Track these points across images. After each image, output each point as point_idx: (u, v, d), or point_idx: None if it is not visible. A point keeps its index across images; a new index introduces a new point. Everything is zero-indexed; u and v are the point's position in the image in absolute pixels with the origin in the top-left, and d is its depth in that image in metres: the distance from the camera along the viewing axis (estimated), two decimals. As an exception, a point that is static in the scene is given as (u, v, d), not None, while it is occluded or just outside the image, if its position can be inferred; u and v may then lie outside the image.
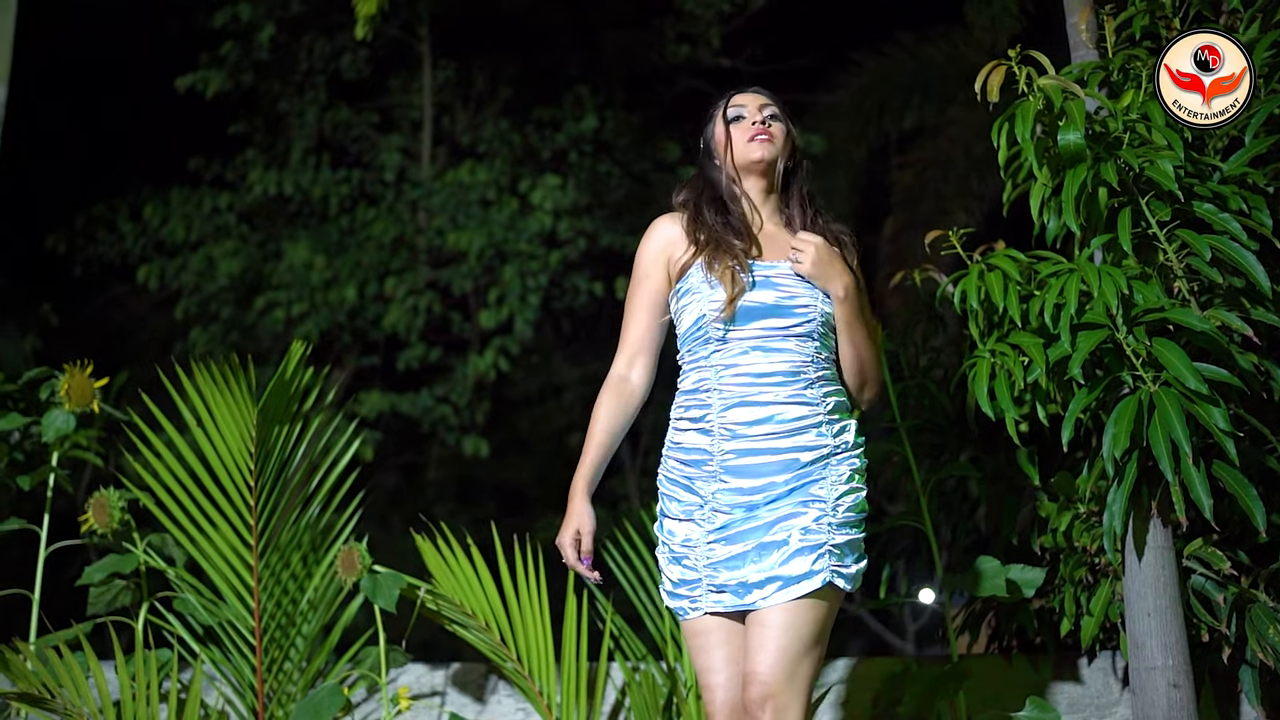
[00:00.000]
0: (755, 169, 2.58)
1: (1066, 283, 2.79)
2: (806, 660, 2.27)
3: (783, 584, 2.28)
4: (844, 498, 2.38)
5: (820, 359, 2.49)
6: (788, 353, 2.44)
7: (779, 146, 2.59)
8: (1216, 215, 2.80)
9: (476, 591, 3.11)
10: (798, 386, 2.42)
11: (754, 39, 10.34)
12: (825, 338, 2.52)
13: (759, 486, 2.37)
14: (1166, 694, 2.82)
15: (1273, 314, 2.84)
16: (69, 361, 3.55)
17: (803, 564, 2.28)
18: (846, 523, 2.37)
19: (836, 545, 2.32)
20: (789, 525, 2.32)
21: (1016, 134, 2.87)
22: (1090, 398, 2.78)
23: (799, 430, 2.39)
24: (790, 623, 2.26)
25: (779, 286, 2.48)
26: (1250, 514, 2.71)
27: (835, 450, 2.41)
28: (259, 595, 3.25)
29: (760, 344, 2.44)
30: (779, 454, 2.37)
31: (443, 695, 3.48)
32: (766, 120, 2.58)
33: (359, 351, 9.36)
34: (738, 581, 2.33)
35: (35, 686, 3.10)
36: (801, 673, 2.26)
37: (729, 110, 2.62)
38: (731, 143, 2.59)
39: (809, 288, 2.49)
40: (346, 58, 9.31)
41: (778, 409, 2.40)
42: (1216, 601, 2.98)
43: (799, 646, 2.26)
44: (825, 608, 2.31)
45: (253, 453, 3.17)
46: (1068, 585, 3.12)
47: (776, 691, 2.22)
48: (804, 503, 2.34)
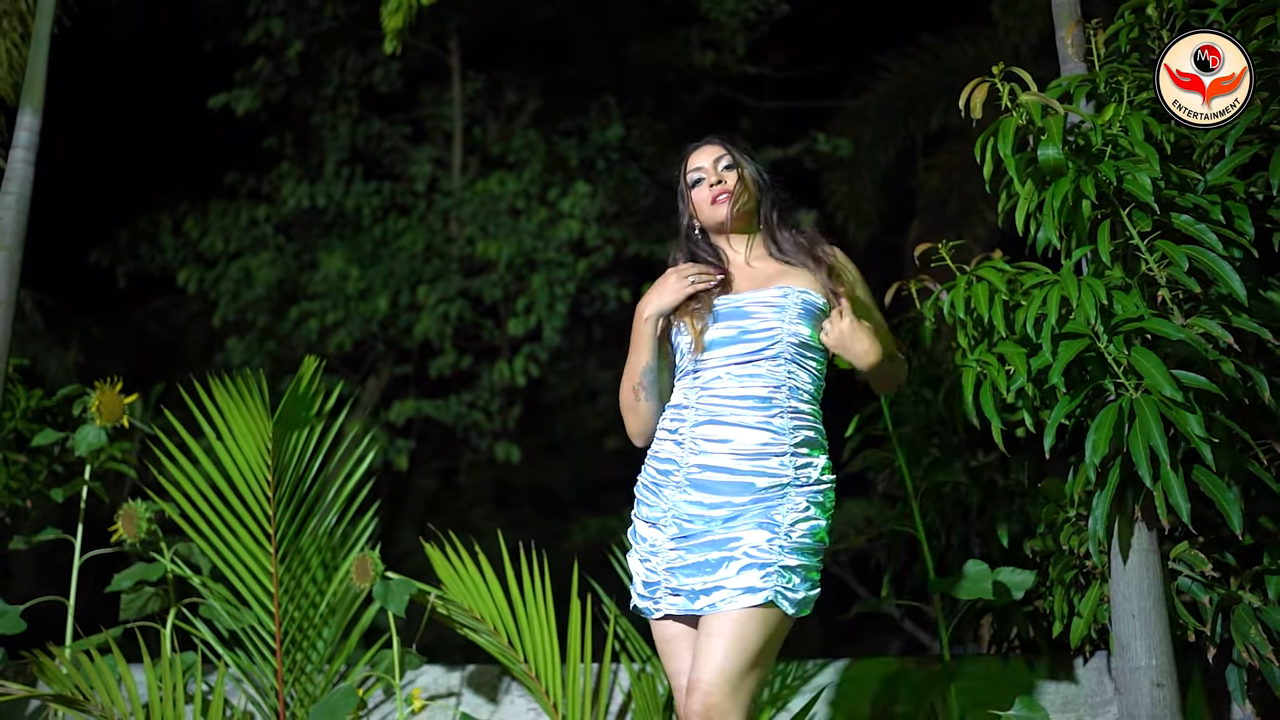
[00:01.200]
0: (723, 228, 2.71)
1: (1048, 294, 2.87)
2: (750, 675, 2.34)
3: (728, 595, 2.38)
4: (798, 524, 2.45)
5: (794, 385, 2.55)
6: (760, 377, 2.54)
7: (739, 198, 2.70)
8: (1194, 226, 2.87)
9: (484, 596, 3.24)
10: (767, 413, 2.52)
11: (778, 45, 10.41)
12: (800, 361, 2.58)
13: (717, 503, 2.48)
14: (1150, 693, 2.89)
15: (1254, 321, 2.91)
16: (110, 375, 3.71)
17: (750, 578, 2.37)
18: (799, 549, 2.44)
19: (785, 567, 2.40)
20: (741, 543, 2.42)
21: (999, 150, 2.96)
22: (1072, 405, 2.86)
23: (761, 456, 2.49)
24: (735, 634, 2.34)
25: (748, 315, 2.60)
26: (1227, 517, 2.77)
27: (795, 481, 2.48)
28: (279, 600, 3.39)
29: (730, 369, 2.57)
30: (738, 475, 2.48)
31: (458, 696, 3.61)
32: (722, 177, 2.70)
33: (393, 360, 9.54)
34: (689, 589, 2.45)
35: (69, 689, 3.26)
36: (745, 686, 2.32)
37: (688, 175, 2.76)
38: (697, 209, 2.73)
39: (777, 312, 2.59)
40: (379, 71, 9.48)
41: (744, 432, 2.50)
42: (1202, 603, 3.04)
43: (743, 660, 2.33)
44: (770, 626, 2.38)
45: (270, 463, 3.32)
46: (1058, 587, 3.20)
47: (717, 701, 2.29)
48: (760, 525, 2.43)
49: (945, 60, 9.95)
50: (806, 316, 2.60)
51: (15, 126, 3.90)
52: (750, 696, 2.35)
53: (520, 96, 9.69)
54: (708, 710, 2.29)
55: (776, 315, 2.58)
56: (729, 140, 2.80)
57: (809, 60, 10.63)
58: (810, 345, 2.61)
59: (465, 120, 9.83)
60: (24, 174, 3.84)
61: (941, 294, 3.28)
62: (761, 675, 2.40)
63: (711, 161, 2.73)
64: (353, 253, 9.05)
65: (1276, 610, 2.99)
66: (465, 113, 9.82)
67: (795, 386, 2.56)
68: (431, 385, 9.34)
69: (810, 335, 2.60)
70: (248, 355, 8.91)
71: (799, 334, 2.58)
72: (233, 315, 9.13)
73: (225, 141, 9.72)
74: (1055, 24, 3.50)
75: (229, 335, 9.16)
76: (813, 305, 2.62)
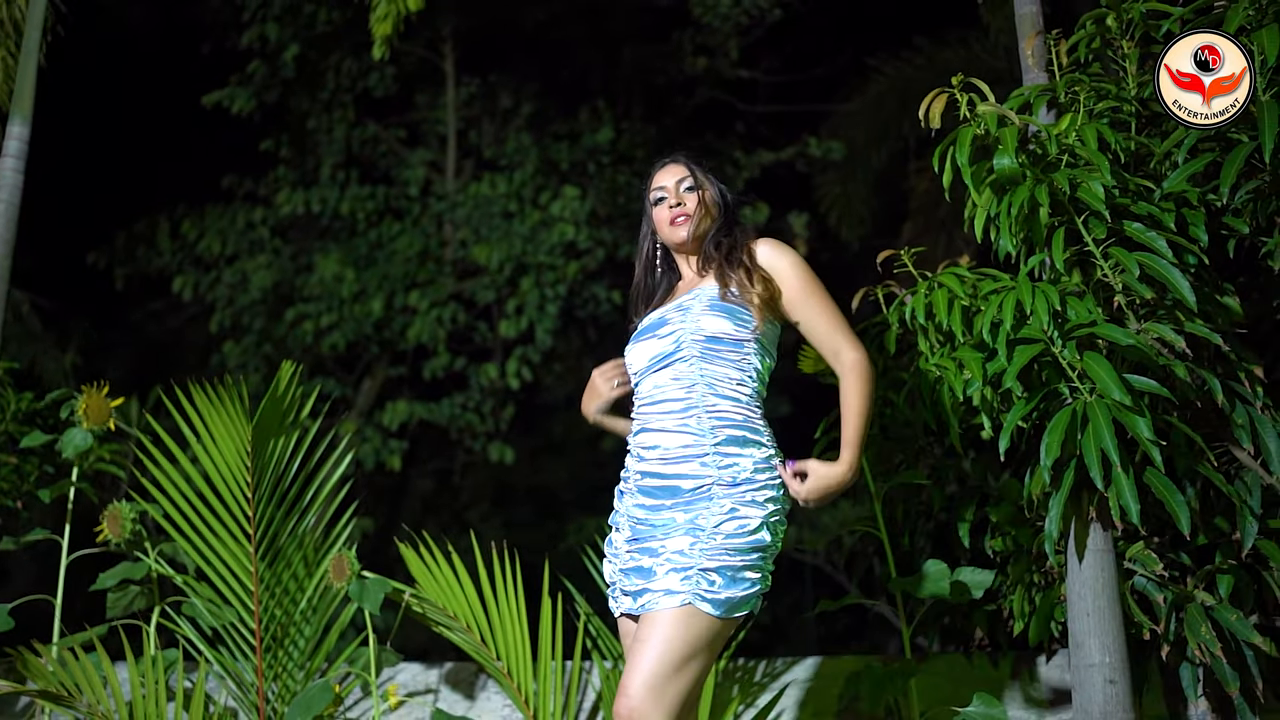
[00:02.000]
0: (681, 248, 2.81)
1: (1004, 299, 2.94)
2: (676, 679, 2.38)
3: (652, 597, 2.46)
4: (723, 525, 2.49)
5: (710, 381, 2.60)
6: (676, 380, 2.63)
7: (697, 218, 2.78)
8: (1145, 233, 2.94)
9: (457, 595, 3.32)
10: (684, 416, 2.60)
11: (772, 49, 10.48)
12: (711, 357, 2.62)
13: (654, 506, 2.58)
14: (1103, 690, 2.96)
15: (1206, 327, 2.98)
16: (106, 378, 3.80)
17: (670, 582, 2.45)
18: (726, 549, 2.47)
19: (703, 570, 2.44)
20: (668, 547, 2.50)
21: (957, 159, 3.03)
22: (1027, 408, 2.93)
23: (683, 459, 2.57)
24: (657, 638, 2.40)
25: (664, 322, 2.71)
26: (1176, 518, 2.84)
27: (719, 481, 2.53)
28: (259, 598, 3.48)
29: (650, 377, 2.69)
30: (666, 480, 2.57)
31: (436, 693, 3.69)
32: (682, 199, 2.78)
33: (387, 362, 9.63)
34: (634, 589, 2.54)
35: (54, 685, 3.35)
36: (669, 691, 2.36)
37: (652, 194, 2.85)
38: (656, 224, 2.83)
39: (683, 314, 2.67)
40: (374, 75, 9.57)
41: (666, 436, 2.60)
42: (1156, 602, 3.11)
43: (667, 665, 2.37)
44: (694, 629, 2.41)
45: (249, 466, 3.40)
46: (1019, 587, 3.27)
47: (638, 705, 2.34)
48: (686, 530, 2.50)
49: (937, 63, 10.00)
50: (715, 312, 2.63)
51: (5, 136, 3.98)
52: (676, 700, 2.37)
53: (514, 100, 9.77)
54: (630, 714, 2.34)
55: (681, 317, 2.67)
56: (694, 159, 2.88)
57: (802, 64, 10.70)
58: (724, 339, 2.63)
59: (460, 124, 9.91)
60: (13, 182, 3.93)
61: (905, 299, 3.35)
62: (692, 676, 2.42)
63: (674, 182, 2.81)
64: (347, 256, 9.15)
65: (1228, 609, 3.06)
66: (460, 116, 9.91)
67: (711, 382, 2.60)
68: (425, 387, 9.43)
69: (721, 331, 2.62)
70: (244, 358, 9.01)
71: (702, 330, 2.62)
72: (229, 320, 9.22)
73: (222, 145, 9.82)
74: (1018, 35, 3.58)
75: (226, 338, 9.26)
76: (718, 301, 2.65)
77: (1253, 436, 3.10)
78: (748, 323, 2.64)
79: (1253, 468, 3.16)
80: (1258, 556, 3.16)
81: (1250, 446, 3.10)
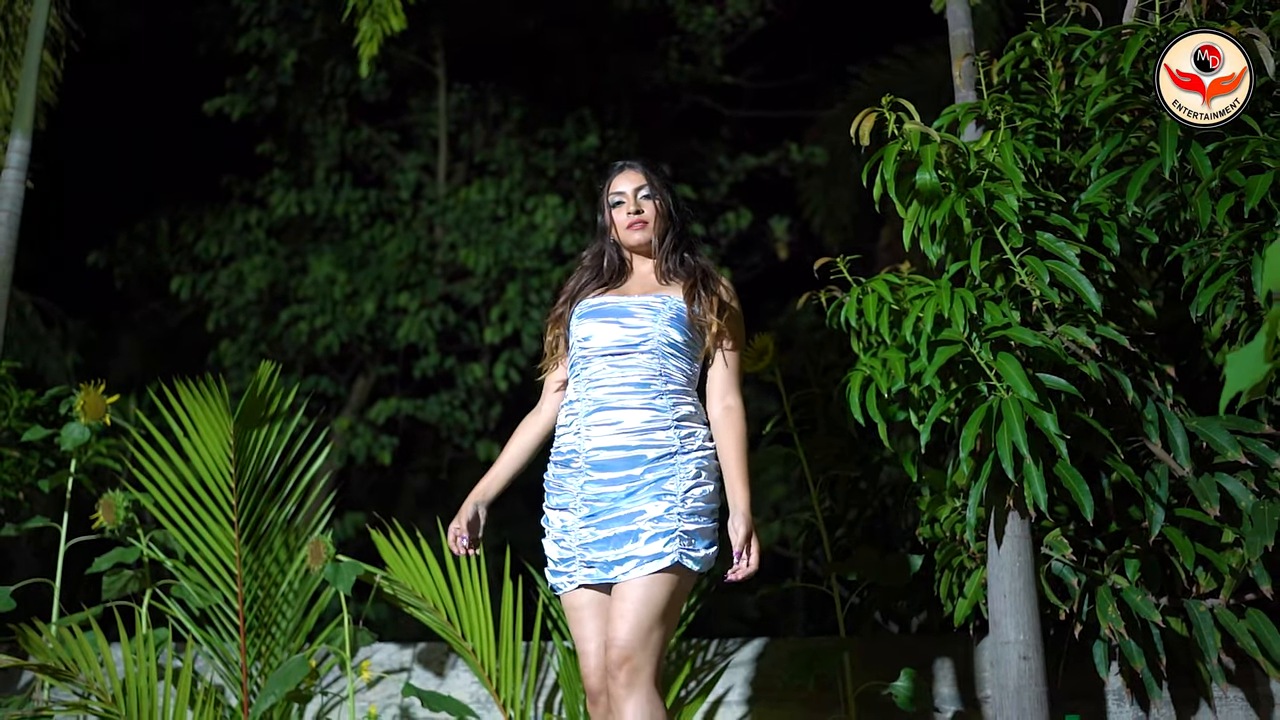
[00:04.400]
0: (636, 250, 3.07)
1: (926, 304, 3.19)
2: (659, 629, 2.70)
3: (639, 562, 2.73)
4: (692, 490, 2.81)
5: (667, 375, 2.92)
6: (637, 368, 2.91)
7: (652, 224, 3.07)
8: (1055, 243, 3.18)
9: (425, 577, 3.58)
10: (648, 395, 2.89)
11: (755, 57, 10.74)
12: (670, 358, 2.94)
13: (617, 479, 2.84)
14: (1017, 665, 3.21)
15: (1115, 329, 3.23)
16: (105, 377, 4.06)
17: (656, 546, 2.73)
18: (695, 512, 2.80)
19: (686, 531, 2.76)
20: (644, 515, 2.76)
21: (884, 174, 3.28)
22: (946, 404, 3.18)
23: (648, 431, 2.85)
24: (645, 597, 2.69)
25: (629, 314, 2.97)
26: (1081, 506, 3.09)
27: (681, 449, 2.84)
28: (243, 580, 3.73)
29: (611, 360, 2.94)
30: (630, 450, 2.84)
31: (409, 671, 3.95)
32: (640, 206, 3.05)
33: (379, 361, 9.90)
34: (603, 560, 2.79)
35: (54, 661, 3.60)
36: (654, 640, 2.68)
37: (610, 196, 3.11)
38: (615, 225, 3.07)
39: (653, 315, 2.95)
40: (366, 81, 9.83)
41: (629, 413, 2.87)
42: (1071, 584, 3.35)
43: (652, 617, 2.69)
44: (675, 584, 2.74)
45: (232, 458, 3.66)
46: (946, 571, 3.51)
47: (632, 654, 2.65)
48: (657, 496, 2.78)
49: (919, 70, 10.24)
50: (677, 323, 2.95)
51: (8, 149, 4.24)
52: (660, 647, 2.69)
53: (504, 106, 10.03)
54: (624, 661, 2.64)
55: (652, 317, 2.95)
56: (651, 168, 3.14)
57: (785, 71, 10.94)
58: (679, 348, 2.95)
59: (451, 128, 10.17)
60: (14, 193, 4.18)
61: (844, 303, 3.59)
62: (670, 627, 2.74)
63: (633, 189, 3.07)
64: (341, 258, 9.42)
65: (1135, 591, 3.31)
66: (452, 119, 10.17)
67: (668, 377, 2.91)
68: (416, 386, 9.70)
69: (680, 340, 2.94)
70: (239, 357, 9.28)
71: (668, 335, 2.94)
72: (225, 320, 9.49)
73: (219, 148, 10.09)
74: (951, 55, 3.83)
75: (222, 337, 9.53)
76: (683, 315, 2.96)
77: (1161, 431, 3.34)
78: (697, 346, 2.98)
79: (1165, 460, 3.40)
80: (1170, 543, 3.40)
81: (1159, 440, 3.34)
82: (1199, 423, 3.36)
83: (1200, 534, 3.41)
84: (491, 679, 3.59)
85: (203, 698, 3.63)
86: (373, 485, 10.73)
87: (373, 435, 9.09)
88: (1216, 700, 3.45)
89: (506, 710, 3.61)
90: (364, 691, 3.87)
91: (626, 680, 2.62)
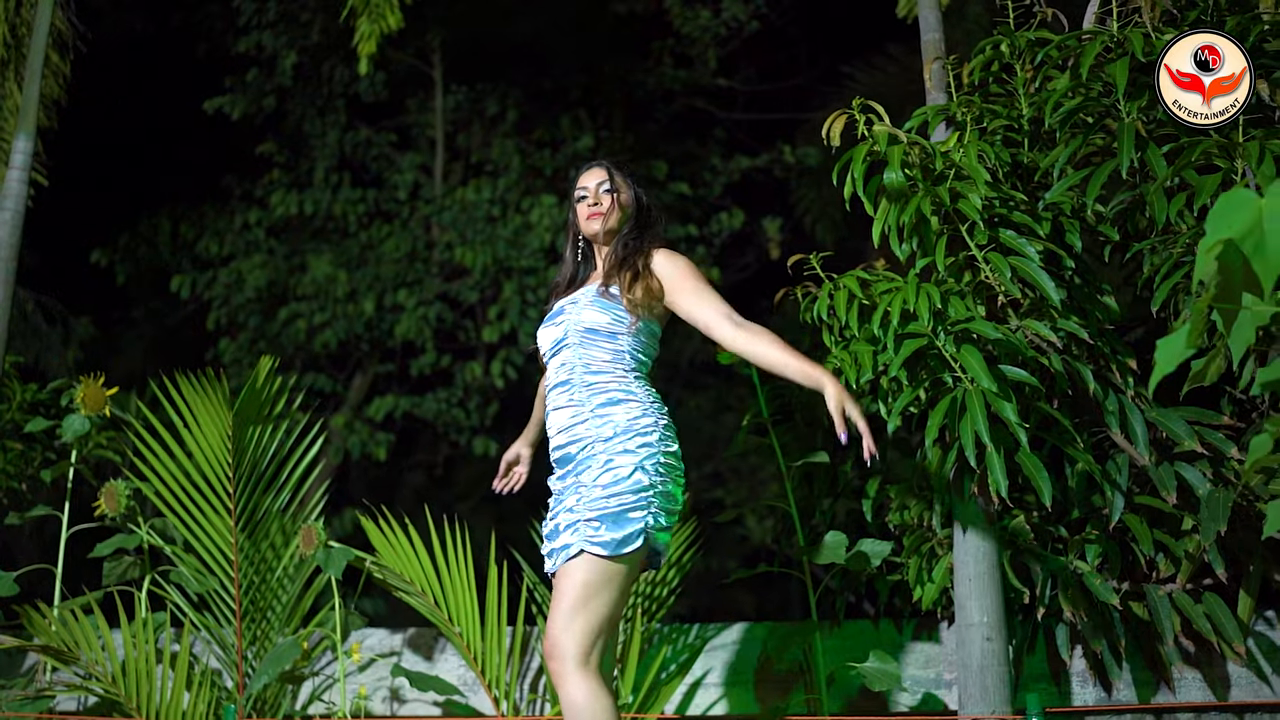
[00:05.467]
0: (595, 239, 3.19)
1: (893, 299, 3.32)
2: (580, 615, 2.74)
3: (553, 555, 2.87)
4: (600, 478, 2.84)
5: (586, 364, 2.98)
6: (564, 365, 3.03)
7: (611, 216, 3.16)
8: (1016, 240, 3.31)
9: (412, 562, 3.71)
10: (570, 392, 2.98)
11: (749, 60, 10.87)
12: (588, 344, 3.00)
13: (561, 476, 2.97)
14: (981, 646, 3.34)
15: (1076, 322, 3.36)
16: (107, 373, 4.20)
17: (565, 538, 2.83)
18: (602, 498, 2.81)
19: (587, 520, 2.80)
20: (564, 507, 2.88)
21: (853, 173, 3.41)
22: (912, 395, 3.31)
23: (571, 427, 2.95)
24: (563, 588, 2.79)
25: (560, 311, 3.11)
26: (1039, 491, 3.22)
27: (599, 439, 2.89)
28: (239, 566, 3.87)
29: (552, 358, 3.09)
30: (562, 449, 2.97)
31: (399, 654, 4.08)
32: (599, 199, 3.17)
33: (378, 359, 10.05)
34: (549, 552, 2.92)
35: (56, 643, 3.74)
36: (577, 626, 2.73)
37: (576, 192, 3.23)
38: (578, 218, 3.21)
39: (575, 307, 3.06)
40: (364, 82, 9.97)
41: (557, 414, 2.99)
42: (1035, 569, 3.49)
43: (571, 606, 2.75)
44: (589, 571, 2.77)
45: (230, 449, 3.79)
46: (915, 557, 3.64)
47: (556, 641, 2.73)
48: (575, 489, 2.88)
49: (911, 71, 10.38)
50: (597, 304, 3.02)
51: (12, 149, 4.38)
52: (584, 631, 2.72)
53: (500, 107, 10.17)
54: (551, 649, 2.73)
55: (574, 310, 3.07)
56: (615, 165, 3.27)
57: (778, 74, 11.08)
58: (600, 331, 3.00)
59: (448, 128, 10.31)
60: (19, 192, 4.32)
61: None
62: (594, 611, 2.75)
63: (595, 184, 3.20)
64: (339, 257, 9.56)
65: (1095, 575, 3.44)
66: (449, 120, 10.31)
67: (587, 364, 2.98)
68: (414, 383, 9.85)
69: (603, 320, 3.00)
70: (239, 354, 9.42)
71: (583, 322, 3.02)
72: (225, 318, 9.63)
73: (220, 149, 10.24)
74: (923, 59, 3.96)
75: (222, 335, 9.68)
76: (601, 293, 3.04)
77: (1122, 422, 3.47)
78: (624, 318, 3.02)
79: (1127, 450, 3.53)
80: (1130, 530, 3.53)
81: (1120, 430, 3.47)
82: (1159, 413, 3.49)
83: (1160, 521, 3.54)
84: (477, 661, 3.72)
85: (200, 680, 3.76)
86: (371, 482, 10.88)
87: (369, 431, 9.24)
88: (1176, 682, 3.57)
89: (491, 691, 3.75)
90: (355, 674, 4.00)
91: (557, 668, 2.72)
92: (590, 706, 2.67)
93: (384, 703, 3.97)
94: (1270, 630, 3.59)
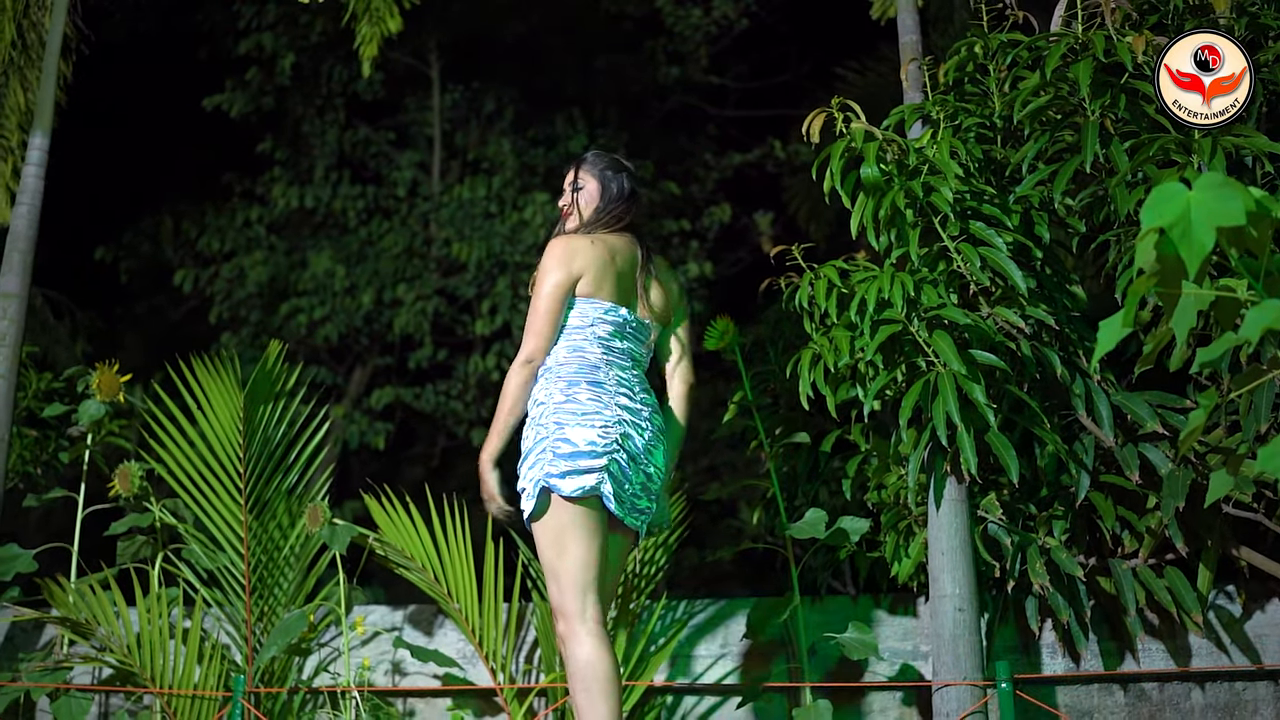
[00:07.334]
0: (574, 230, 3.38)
1: (869, 287, 3.51)
2: (556, 577, 2.97)
3: None
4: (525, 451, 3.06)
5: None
6: None
7: (577, 212, 3.37)
8: (985, 231, 3.50)
9: (413, 538, 3.90)
10: None
11: (740, 57, 11.06)
12: None
13: None
14: (953, 617, 3.53)
15: (1044, 309, 3.54)
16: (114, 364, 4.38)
17: None
18: (522, 468, 3.05)
19: (521, 488, 3.04)
20: None
21: (832, 168, 3.60)
22: (887, 378, 3.50)
23: None
24: (540, 560, 3.06)
25: None
26: (1006, 468, 3.41)
27: (529, 417, 3.12)
28: (248, 543, 4.06)
29: None
30: None
31: (400, 630, 4.26)
32: (569, 198, 3.39)
33: (377, 352, 10.24)
34: None
35: (74, 614, 3.93)
36: (557, 586, 2.97)
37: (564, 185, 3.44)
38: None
39: None
40: (363, 82, 10.15)
41: None
42: (1005, 544, 3.67)
43: (548, 571, 3.00)
44: (539, 536, 3.01)
45: (241, 430, 3.98)
46: (893, 534, 3.83)
47: (552, 603, 3.00)
48: None
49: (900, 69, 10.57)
50: None
51: (28, 146, 4.56)
52: (566, 587, 2.94)
53: (496, 105, 10.36)
54: (553, 612, 3.00)
55: None
56: (584, 162, 3.45)
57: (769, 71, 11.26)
58: None
59: (446, 127, 10.50)
60: (35, 187, 4.50)
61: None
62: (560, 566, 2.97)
63: (568, 181, 3.40)
64: (339, 252, 9.75)
65: (1061, 549, 3.63)
66: (446, 118, 10.49)
67: None
68: (412, 376, 10.03)
69: None
70: (241, 348, 9.60)
71: None
72: (227, 313, 9.82)
73: (222, 147, 10.41)
74: (900, 60, 4.15)
75: (224, 329, 9.86)
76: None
77: (1088, 404, 3.66)
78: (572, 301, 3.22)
79: (1094, 431, 3.72)
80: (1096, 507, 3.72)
81: (1085, 413, 3.66)
82: (1123, 397, 3.68)
83: (1124, 499, 3.73)
84: (475, 634, 3.91)
85: (210, 652, 3.95)
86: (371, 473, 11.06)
87: (368, 421, 9.43)
88: (1140, 652, 3.76)
89: (489, 663, 3.93)
90: (358, 647, 4.18)
91: (561, 628, 2.96)
92: (589, 666, 2.88)
93: (386, 675, 4.15)
94: (1229, 603, 3.78)
